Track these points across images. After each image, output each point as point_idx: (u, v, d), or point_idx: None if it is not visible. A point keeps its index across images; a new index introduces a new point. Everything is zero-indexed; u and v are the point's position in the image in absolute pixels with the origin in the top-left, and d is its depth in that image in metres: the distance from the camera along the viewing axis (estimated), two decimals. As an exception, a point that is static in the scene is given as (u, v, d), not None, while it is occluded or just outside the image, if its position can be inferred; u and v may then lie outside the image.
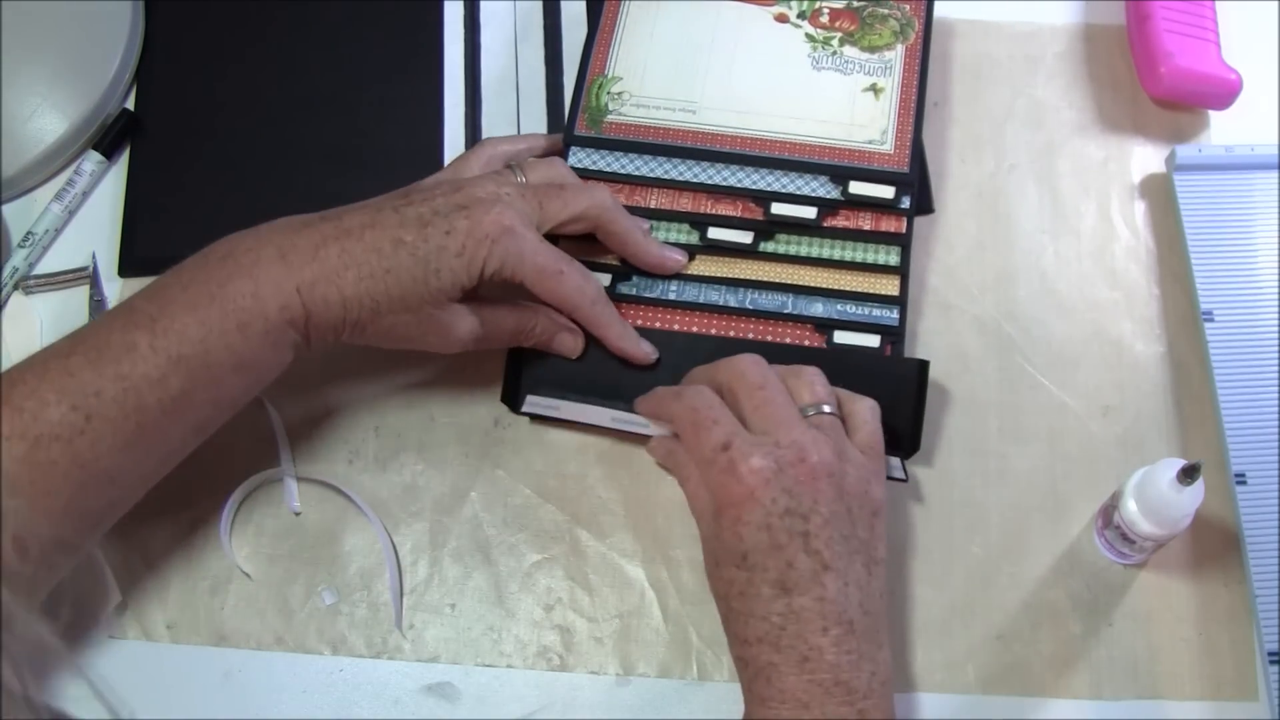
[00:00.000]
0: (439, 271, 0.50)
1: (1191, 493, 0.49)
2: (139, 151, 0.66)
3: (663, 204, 0.59)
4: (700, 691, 0.54)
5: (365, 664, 0.55)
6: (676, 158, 0.59)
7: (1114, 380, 0.60)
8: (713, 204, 0.58)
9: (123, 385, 0.46)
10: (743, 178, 0.58)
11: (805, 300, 0.57)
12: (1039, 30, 0.69)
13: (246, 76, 0.68)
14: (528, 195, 0.52)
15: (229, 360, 0.49)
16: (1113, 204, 0.65)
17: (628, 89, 0.60)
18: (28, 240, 0.63)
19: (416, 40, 0.69)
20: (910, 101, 0.60)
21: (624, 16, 0.63)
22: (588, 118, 0.60)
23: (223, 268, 0.49)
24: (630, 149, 0.59)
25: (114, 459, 0.47)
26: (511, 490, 0.58)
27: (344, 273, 0.49)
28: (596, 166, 0.59)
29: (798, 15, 0.62)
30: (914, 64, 0.61)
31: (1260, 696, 0.54)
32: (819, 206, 0.57)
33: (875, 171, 0.58)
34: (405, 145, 0.66)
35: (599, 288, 0.55)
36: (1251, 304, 0.60)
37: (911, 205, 0.58)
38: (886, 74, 0.60)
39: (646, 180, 0.59)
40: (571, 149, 0.60)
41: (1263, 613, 0.54)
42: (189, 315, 0.48)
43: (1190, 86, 0.65)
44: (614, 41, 0.62)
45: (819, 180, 0.58)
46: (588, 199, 0.54)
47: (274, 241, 0.50)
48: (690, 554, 0.56)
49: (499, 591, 0.56)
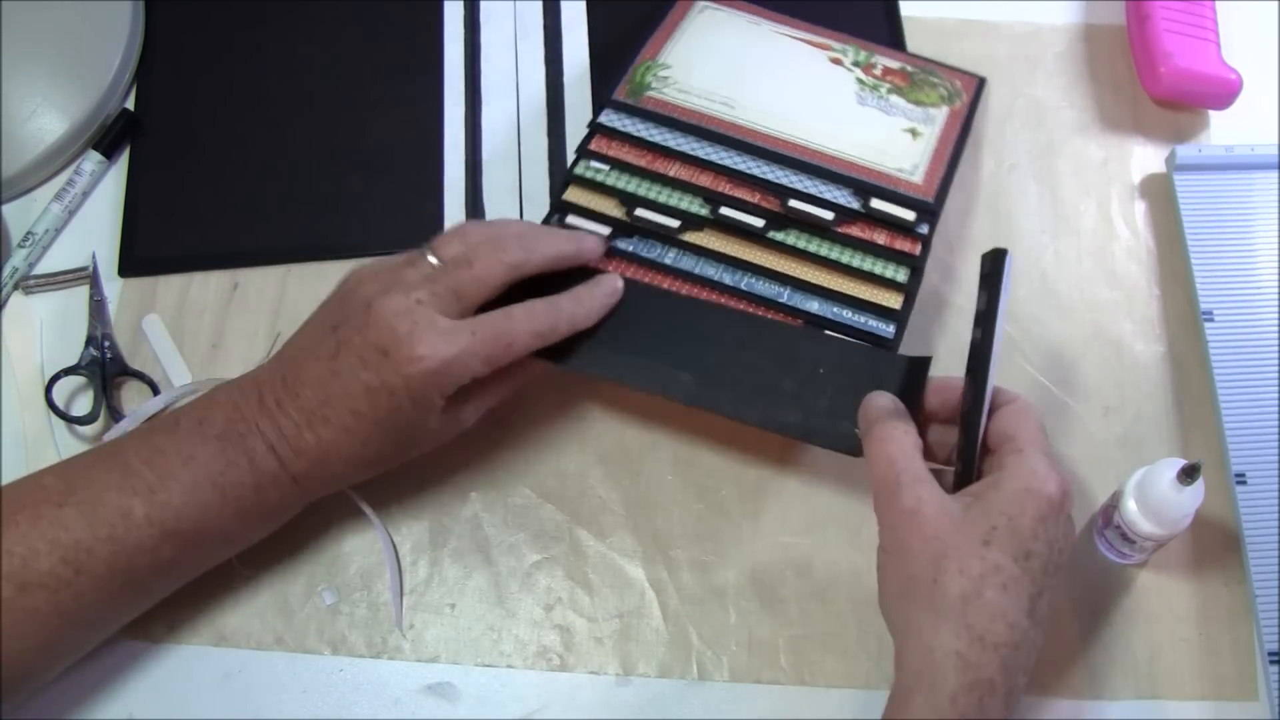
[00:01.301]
0: (414, 440, 0.51)
1: (1191, 493, 0.49)
2: (139, 151, 0.66)
3: (681, 175, 0.59)
4: (700, 691, 0.54)
5: (365, 664, 0.55)
6: (704, 139, 0.59)
7: (1114, 380, 0.60)
8: (731, 187, 0.58)
9: (114, 549, 0.47)
10: (766, 170, 0.58)
11: (802, 296, 0.57)
12: (1039, 30, 0.69)
13: (246, 76, 0.68)
14: (440, 291, 0.50)
15: (223, 536, 0.50)
16: (1113, 204, 0.65)
17: (674, 75, 0.61)
18: (28, 240, 0.63)
19: (416, 40, 0.69)
20: (946, 152, 0.60)
21: (690, 19, 0.65)
22: (628, 89, 0.61)
23: (222, 448, 0.49)
24: (661, 122, 0.59)
25: (97, 610, 0.48)
26: (511, 490, 0.58)
27: (330, 457, 0.49)
28: (624, 129, 0.59)
29: (852, 62, 0.63)
30: (955, 125, 0.62)
31: (1260, 696, 0.54)
32: (837, 212, 0.57)
33: (900, 194, 0.57)
34: (405, 145, 0.66)
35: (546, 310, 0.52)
36: (1251, 304, 0.60)
37: (930, 232, 0.58)
38: (928, 124, 0.61)
39: (670, 151, 0.59)
40: (605, 110, 0.60)
41: (1263, 613, 0.54)
42: (188, 496, 0.48)
43: (1190, 86, 0.65)
44: (673, 37, 0.63)
45: (841, 190, 0.58)
46: (499, 265, 0.51)
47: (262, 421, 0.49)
48: (690, 554, 0.56)
49: (499, 591, 0.56)
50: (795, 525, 0.57)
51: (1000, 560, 0.43)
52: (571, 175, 0.59)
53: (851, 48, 0.64)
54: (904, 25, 0.69)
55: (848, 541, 0.57)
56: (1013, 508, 0.44)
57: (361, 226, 0.64)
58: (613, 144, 0.59)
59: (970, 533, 0.44)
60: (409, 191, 0.65)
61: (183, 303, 0.62)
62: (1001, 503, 0.45)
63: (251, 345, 0.61)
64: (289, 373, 0.50)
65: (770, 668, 0.54)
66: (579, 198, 0.58)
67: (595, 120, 0.60)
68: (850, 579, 0.56)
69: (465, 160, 0.66)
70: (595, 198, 0.59)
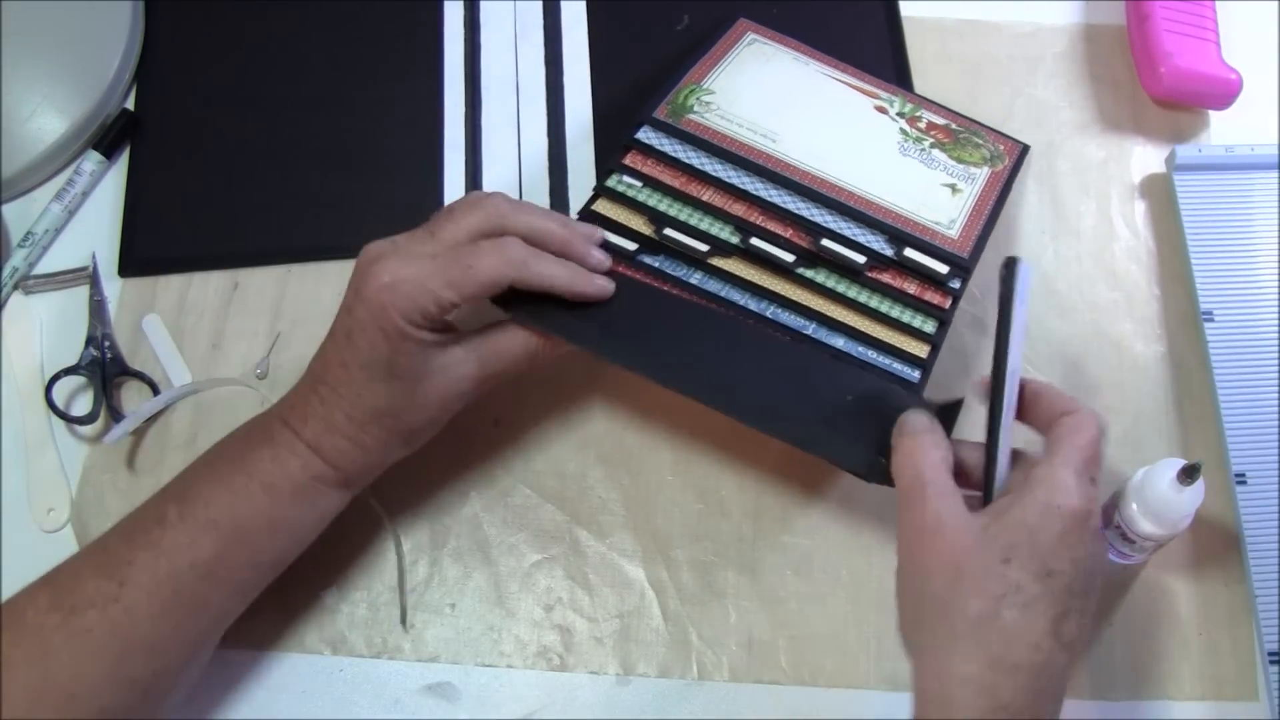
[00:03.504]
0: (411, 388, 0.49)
1: (1191, 493, 0.49)
2: (139, 151, 0.66)
3: (714, 201, 0.58)
4: (700, 691, 0.54)
5: (365, 664, 0.55)
6: (742, 168, 0.58)
7: (1114, 380, 0.60)
8: (764, 219, 0.57)
9: (154, 552, 0.47)
10: (801, 207, 0.57)
11: (828, 331, 0.55)
12: (1039, 30, 0.69)
13: (246, 77, 0.68)
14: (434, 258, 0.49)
15: (259, 522, 0.49)
16: (1113, 204, 0.65)
17: (717, 102, 0.61)
18: (28, 240, 0.63)
19: (416, 40, 0.69)
20: (985, 210, 0.59)
21: (740, 48, 0.64)
22: (669, 110, 0.60)
23: (244, 441, 0.51)
24: (700, 145, 0.59)
25: (152, 626, 0.47)
26: (511, 490, 0.58)
27: (334, 415, 0.49)
28: (661, 148, 0.59)
29: (897, 113, 0.63)
30: (996, 186, 0.61)
31: (1260, 696, 0.54)
32: (869, 257, 0.56)
33: (934, 247, 0.57)
34: (405, 145, 0.66)
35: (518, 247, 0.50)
36: (1251, 304, 0.60)
37: (961, 288, 0.57)
38: (969, 182, 0.60)
39: (705, 176, 0.58)
40: (644, 127, 0.59)
41: (1263, 613, 0.54)
42: (215, 485, 0.49)
43: (1190, 86, 0.65)
44: (720, 65, 0.63)
45: (876, 235, 0.57)
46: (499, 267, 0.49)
47: (279, 408, 0.51)
48: (690, 554, 0.56)
49: (499, 591, 0.56)
50: (795, 525, 0.57)
51: (1021, 579, 0.42)
52: (603, 188, 0.58)
53: (899, 99, 0.64)
54: (904, 25, 0.69)
55: (848, 542, 0.57)
56: (1034, 523, 0.43)
57: (361, 226, 0.64)
58: (648, 161, 0.58)
59: (990, 550, 0.42)
60: (409, 191, 0.65)
61: (183, 303, 0.62)
62: (1023, 518, 0.43)
63: (251, 345, 0.61)
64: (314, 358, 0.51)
65: (770, 668, 0.54)
66: (608, 210, 0.57)
67: (633, 136, 0.59)
68: (850, 579, 0.56)
69: (465, 160, 0.66)
70: (624, 212, 0.57)
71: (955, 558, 0.43)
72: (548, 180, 0.65)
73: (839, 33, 0.69)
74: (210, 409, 0.60)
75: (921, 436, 0.47)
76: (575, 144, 0.66)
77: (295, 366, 0.60)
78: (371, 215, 0.64)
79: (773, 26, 0.68)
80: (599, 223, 0.56)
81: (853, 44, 0.69)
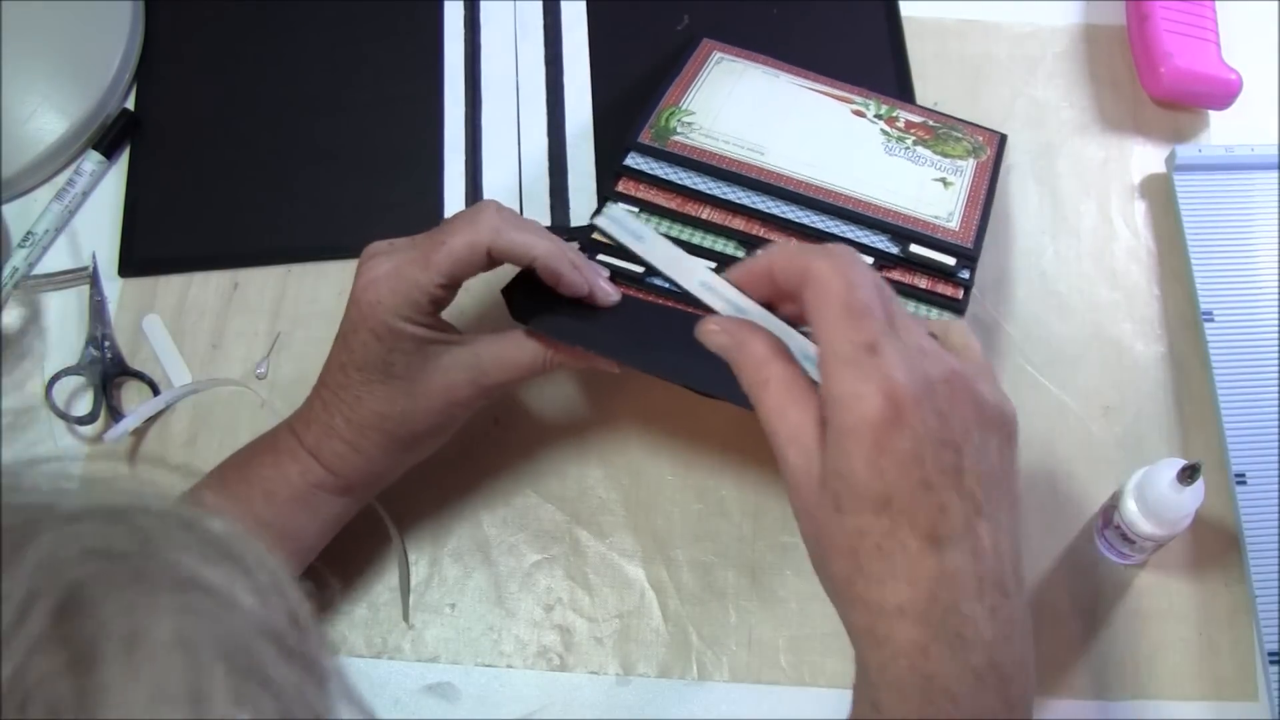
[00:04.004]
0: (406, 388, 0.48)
1: (1191, 493, 0.49)
2: (139, 151, 0.66)
3: (713, 219, 0.57)
4: (700, 691, 0.54)
5: (365, 664, 0.55)
6: (736, 184, 0.58)
7: (1114, 380, 0.60)
8: (766, 232, 0.57)
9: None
10: (801, 216, 0.57)
11: None
12: (1039, 30, 0.69)
13: (246, 76, 0.68)
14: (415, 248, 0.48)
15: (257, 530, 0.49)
16: (1113, 204, 0.65)
17: (698, 121, 0.60)
18: (28, 240, 0.63)
19: (416, 40, 0.69)
20: (979, 200, 0.59)
21: (710, 67, 0.64)
22: (653, 133, 0.59)
23: (252, 448, 0.52)
24: (690, 166, 0.58)
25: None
26: (511, 490, 0.58)
27: (334, 419, 0.49)
28: (653, 172, 0.58)
29: (874, 115, 0.62)
30: (984, 176, 0.61)
31: (1260, 696, 0.54)
32: (876, 257, 0.56)
33: (939, 240, 0.56)
34: (405, 145, 0.66)
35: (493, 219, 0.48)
36: (1251, 304, 0.60)
37: (970, 279, 0.56)
38: (957, 175, 0.60)
39: (701, 195, 0.57)
40: (631, 153, 0.58)
41: (1263, 613, 0.54)
42: (219, 492, 0.50)
43: (1190, 86, 0.65)
44: (694, 85, 0.62)
45: (879, 236, 0.57)
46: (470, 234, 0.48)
47: (291, 416, 0.52)
48: (690, 554, 0.56)
49: (499, 591, 0.56)
50: (795, 525, 0.57)
51: (859, 523, 0.36)
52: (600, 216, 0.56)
53: (873, 101, 0.63)
54: (904, 25, 0.69)
55: (848, 541, 0.57)
56: (838, 460, 0.36)
57: (361, 226, 0.64)
58: (640, 186, 0.58)
59: (825, 500, 0.37)
60: (409, 191, 0.65)
61: (183, 303, 0.62)
62: (830, 456, 0.37)
63: (251, 345, 0.61)
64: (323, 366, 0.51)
65: (770, 668, 0.54)
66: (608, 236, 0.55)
67: (622, 163, 0.58)
68: (850, 579, 0.56)
69: (465, 160, 0.66)
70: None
71: (809, 519, 0.39)
72: (548, 180, 0.65)
73: (839, 33, 0.69)
74: (210, 409, 0.60)
75: (763, 370, 0.40)
76: (575, 144, 0.66)
77: (295, 366, 0.60)
78: (371, 215, 0.64)
79: (773, 26, 0.68)
80: (601, 249, 0.55)
81: (852, 44, 0.69)
